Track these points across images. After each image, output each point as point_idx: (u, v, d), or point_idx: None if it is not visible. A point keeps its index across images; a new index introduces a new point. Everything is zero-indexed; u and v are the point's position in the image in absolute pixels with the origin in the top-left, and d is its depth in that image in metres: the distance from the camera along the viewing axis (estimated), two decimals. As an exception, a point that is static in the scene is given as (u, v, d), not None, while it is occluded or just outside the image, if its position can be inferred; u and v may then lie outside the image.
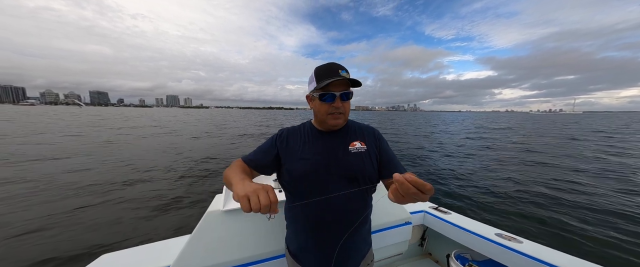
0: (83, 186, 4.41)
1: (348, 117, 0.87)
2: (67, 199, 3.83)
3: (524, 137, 14.51)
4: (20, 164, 5.86)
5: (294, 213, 0.87)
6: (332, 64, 0.79)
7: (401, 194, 0.52)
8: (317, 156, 0.81)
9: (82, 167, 5.70)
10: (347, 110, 0.82)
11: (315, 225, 0.81)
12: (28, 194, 3.97)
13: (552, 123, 34.41)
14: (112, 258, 1.19)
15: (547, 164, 6.81)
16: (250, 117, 50.62)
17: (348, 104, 0.82)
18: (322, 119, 0.82)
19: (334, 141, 0.84)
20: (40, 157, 6.70)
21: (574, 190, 4.53)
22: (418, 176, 0.53)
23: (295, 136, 0.88)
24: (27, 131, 12.86)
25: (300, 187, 0.82)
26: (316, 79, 0.78)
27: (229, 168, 0.78)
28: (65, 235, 2.81)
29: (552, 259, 1.10)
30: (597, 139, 13.49)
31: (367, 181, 0.81)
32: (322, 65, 0.80)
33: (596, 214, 3.44)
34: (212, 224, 1.09)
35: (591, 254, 2.56)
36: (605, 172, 5.79)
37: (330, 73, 0.76)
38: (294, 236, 0.89)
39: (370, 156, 0.83)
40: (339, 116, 0.80)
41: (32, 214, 3.28)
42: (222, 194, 1.24)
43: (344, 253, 0.82)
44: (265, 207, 0.55)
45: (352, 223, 0.80)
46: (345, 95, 0.78)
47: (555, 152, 8.75)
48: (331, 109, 0.78)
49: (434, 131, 18.52)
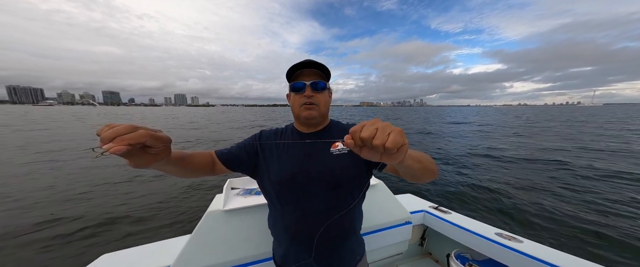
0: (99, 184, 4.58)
1: (327, 113, 0.82)
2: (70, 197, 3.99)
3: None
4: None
5: (274, 222, 0.82)
6: (305, 59, 0.76)
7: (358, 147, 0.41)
8: (296, 161, 0.75)
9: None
10: (321, 102, 0.76)
11: (295, 236, 0.75)
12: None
13: (585, 118, 28.17)
14: (112, 258, 1.19)
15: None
16: (259, 113, 50.56)
17: (323, 97, 0.76)
18: (297, 113, 0.78)
19: (315, 143, 0.78)
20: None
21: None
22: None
23: (275, 137, 0.83)
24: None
25: (277, 194, 0.76)
26: (287, 74, 0.76)
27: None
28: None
29: (552, 259, 1.09)
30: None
31: (352, 185, 0.75)
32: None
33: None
34: (212, 224, 1.09)
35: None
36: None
37: (300, 65, 0.74)
38: (277, 245, 0.85)
39: (354, 156, 0.74)
40: (311, 107, 0.74)
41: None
42: (222, 194, 1.25)
43: (331, 266, 0.77)
44: (113, 132, 0.39)
45: (338, 235, 0.75)
46: (315, 84, 0.73)
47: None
48: (303, 99, 0.74)
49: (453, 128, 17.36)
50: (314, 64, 0.74)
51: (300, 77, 0.75)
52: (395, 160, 0.42)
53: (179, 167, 0.62)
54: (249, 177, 0.84)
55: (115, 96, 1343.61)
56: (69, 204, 3.72)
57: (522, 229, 3.02)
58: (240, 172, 0.81)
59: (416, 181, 0.62)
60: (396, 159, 0.41)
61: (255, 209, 1.17)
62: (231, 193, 1.33)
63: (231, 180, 1.43)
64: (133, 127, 0.42)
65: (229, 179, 1.42)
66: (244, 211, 1.15)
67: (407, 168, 0.53)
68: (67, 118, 25.18)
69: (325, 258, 0.76)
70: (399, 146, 0.38)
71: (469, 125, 19.83)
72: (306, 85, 0.74)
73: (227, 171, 0.79)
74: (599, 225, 3.03)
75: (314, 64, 0.74)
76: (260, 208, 1.17)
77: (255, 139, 0.83)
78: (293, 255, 0.77)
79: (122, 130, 0.40)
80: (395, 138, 0.38)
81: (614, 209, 3.47)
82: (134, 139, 0.41)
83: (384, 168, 0.71)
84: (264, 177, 0.79)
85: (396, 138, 0.38)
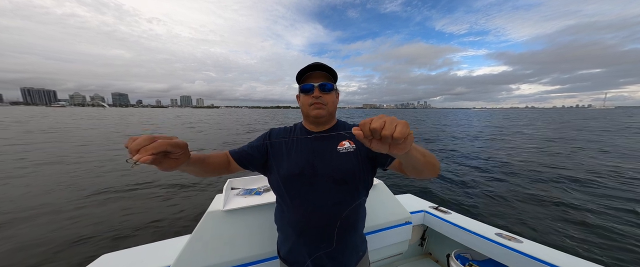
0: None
1: (334, 113, 0.87)
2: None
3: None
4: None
5: (281, 216, 0.85)
6: (313, 62, 0.81)
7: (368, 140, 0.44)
8: (304, 157, 0.80)
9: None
10: (329, 102, 0.81)
11: (302, 230, 0.78)
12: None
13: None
14: (112, 258, 1.19)
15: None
16: (264, 115, 50.75)
17: (330, 97, 0.81)
18: (306, 113, 0.83)
19: (323, 140, 0.82)
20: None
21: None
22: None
23: (285, 135, 0.88)
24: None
25: (286, 189, 0.80)
26: (297, 76, 0.82)
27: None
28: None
29: (552, 259, 1.08)
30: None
31: (358, 182, 0.79)
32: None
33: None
34: (212, 224, 1.09)
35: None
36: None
37: (309, 68, 0.80)
38: (283, 240, 0.87)
39: (360, 154, 0.79)
40: (320, 106, 0.80)
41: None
42: (222, 194, 1.26)
43: (335, 260, 0.79)
44: (137, 144, 0.46)
45: (343, 229, 0.78)
46: (323, 86, 0.79)
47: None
48: (311, 99, 0.79)
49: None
50: (322, 67, 0.80)
51: (309, 79, 0.80)
52: (403, 150, 0.45)
53: (199, 168, 0.69)
54: (249, 178, 0.87)
55: (123, 98, 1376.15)
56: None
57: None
58: (253, 169, 0.86)
59: (418, 176, 0.65)
60: (404, 149, 0.44)
61: (255, 209, 1.17)
62: (231, 193, 1.34)
63: (231, 180, 1.43)
64: (152, 138, 0.48)
65: (229, 179, 1.42)
66: (244, 211, 1.16)
67: (412, 160, 0.55)
68: (114, 118, 25.09)
69: (330, 252, 0.78)
70: (405, 136, 0.42)
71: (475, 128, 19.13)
72: (314, 86, 0.79)
73: (241, 169, 0.85)
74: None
75: (322, 67, 0.80)
76: (260, 208, 1.18)
77: (265, 137, 0.88)
78: (299, 249, 0.80)
79: (143, 142, 0.47)
80: (402, 129, 0.41)
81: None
82: (155, 148, 0.47)
83: (390, 164, 0.74)
84: (274, 173, 0.83)
85: (403, 129, 0.41)
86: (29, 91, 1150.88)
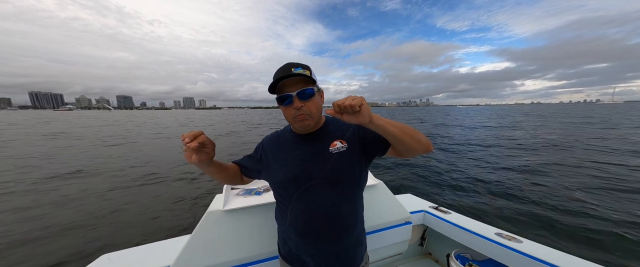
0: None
1: (321, 115, 0.81)
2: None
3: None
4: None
5: (281, 217, 0.86)
6: (286, 64, 0.71)
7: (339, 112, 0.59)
8: (296, 162, 0.79)
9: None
10: (312, 109, 0.72)
11: (302, 231, 0.78)
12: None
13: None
14: (112, 258, 1.19)
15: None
16: (264, 115, 50.62)
17: (313, 103, 0.73)
18: (292, 125, 0.79)
19: (313, 143, 0.80)
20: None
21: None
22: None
23: (276, 142, 0.87)
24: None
25: (283, 193, 0.81)
26: (270, 88, 0.72)
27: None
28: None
29: (552, 259, 1.08)
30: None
31: (353, 181, 0.78)
32: (278, 69, 0.72)
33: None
34: (212, 224, 1.09)
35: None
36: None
37: (281, 74, 0.68)
38: (283, 240, 0.88)
39: (353, 153, 0.78)
40: (304, 117, 0.72)
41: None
42: (222, 194, 1.26)
43: (335, 260, 0.79)
44: (192, 135, 0.65)
45: (341, 228, 0.78)
46: (302, 93, 0.69)
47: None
48: (293, 111, 0.71)
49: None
50: (296, 72, 0.69)
51: (285, 88, 0.70)
52: (364, 118, 0.58)
53: (219, 170, 0.82)
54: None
55: (128, 100, 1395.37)
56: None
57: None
58: (255, 178, 0.94)
59: (411, 153, 0.70)
60: (364, 117, 0.58)
61: (255, 209, 1.18)
62: (231, 193, 1.35)
63: None
64: (200, 132, 0.67)
65: None
66: (244, 211, 1.17)
67: (390, 134, 0.63)
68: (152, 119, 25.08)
69: (331, 251, 0.79)
70: (359, 104, 0.56)
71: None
72: (293, 96, 0.69)
73: (252, 179, 0.96)
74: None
75: (295, 72, 0.68)
76: (260, 208, 1.18)
77: (259, 147, 0.92)
78: (300, 249, 0.81)
79: (196, 134, 0.66)
80: (356, 99, 0.56)
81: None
82: (201, 139, 0.67)
83: (385, 150, 0.77)
84: (270, 180, 0.86)
85: (356, 99, 0.56)
86: (36, 95, 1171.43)
